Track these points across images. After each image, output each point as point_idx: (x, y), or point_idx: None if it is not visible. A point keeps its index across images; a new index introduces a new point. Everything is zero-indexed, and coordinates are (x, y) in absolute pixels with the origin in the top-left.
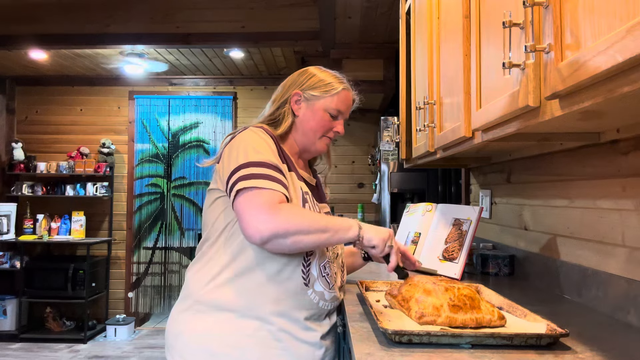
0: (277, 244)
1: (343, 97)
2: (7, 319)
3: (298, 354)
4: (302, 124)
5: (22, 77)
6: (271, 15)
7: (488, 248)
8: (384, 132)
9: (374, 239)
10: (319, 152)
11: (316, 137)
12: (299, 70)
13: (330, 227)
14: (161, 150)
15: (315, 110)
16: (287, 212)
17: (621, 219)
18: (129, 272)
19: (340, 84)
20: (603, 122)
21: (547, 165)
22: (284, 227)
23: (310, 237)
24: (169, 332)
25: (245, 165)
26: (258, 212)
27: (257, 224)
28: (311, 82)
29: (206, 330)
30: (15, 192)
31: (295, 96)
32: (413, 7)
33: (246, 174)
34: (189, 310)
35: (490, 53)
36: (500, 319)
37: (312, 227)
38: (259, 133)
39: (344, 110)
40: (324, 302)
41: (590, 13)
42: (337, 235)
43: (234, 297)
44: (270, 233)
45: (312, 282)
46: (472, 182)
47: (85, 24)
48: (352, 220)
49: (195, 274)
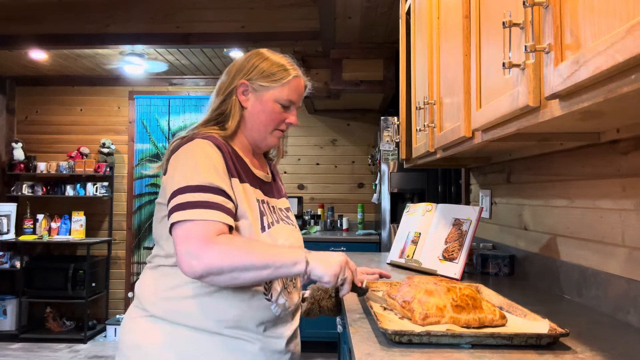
0: (212, 280)
1: (294, 86)
2: (7, 319)
3: None
4: (252, 118)
5: (22, 77)
6: (271, 15)
7: (488, 248)
8: (384, 132)
9: (325, 275)
10: (270, 146)
11: (267, 131)
12: (246, 55)
13: (272, 263)
14: (161, 150)
15: (264, 102)
16: (221, 248)
17: (621, 219)
18: (129, 272)
19: (290, 72)
20: (603, 122)
21: (547, 165)
22: (217, 265)
23: (248, 274)
24: (123, 341)
25: (183, 190)
26: (191, 247)
27: (189, 260)
28: (259, 70)
29: (164, 342)
30: (15, 192)
31: (241, 87)
32: (413, 7)
33: (182, 202)
34: (145, 320)
35: (490, 53)
36: (502, 318)
37: (250, 264)
38: (205, 147)
39: (296, 100)
40: (284, 311)
41: (590, 13)
42: (279, 270)
43: (191, 314)
44: (202, 270)
45: (275, 296)
46: (472, 182)
47: (85, 24)
48: (299, 252)
49: (148, 286)
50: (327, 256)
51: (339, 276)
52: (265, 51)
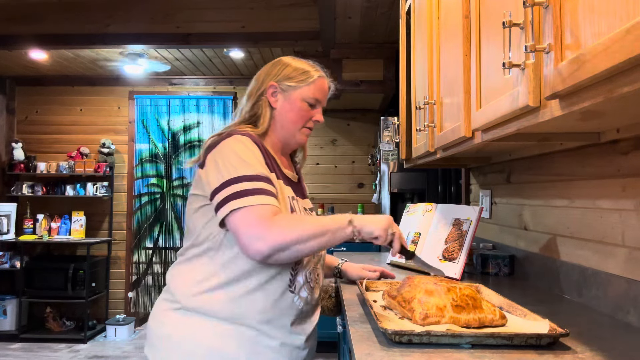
0: (279, 257)
1: (319, 85)
2: (7, 319)
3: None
4: (281, 116)
5: (22, 77)
6: (271, 15)
7: (488, 248)
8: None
9: (376, 230)
10: (299, 143)
11: (296, 128)
12: (272, 62)
13: (328, 229)
14: (161, 150)
15: (292, 101)
16: (282, 225)
17: (621, 219)
18: (129, 272)
19: (315, 72)
20: (603, 122)
21: (547, 165)
22: (282, 241)
23: (310, 244)
24: (153, 332)
25: (236, 179)
26: (253, 230)
27: (255, 243)
28: (286, 73)
29: (194, 335)
30: (15, 192)
31: (270, 88)
32: (413, 7)
33: (238, 190)
34: (175, 312)
35: (490, 53)
36: (502, 318)
37: (310, 234)
38: (246, 142)
39: (322, 98)
40: (306, 305)
41: (590, 13)
42: (335, 235)
43: (220, 305)
44: (269, 249)
45: (298, 289)
46: (472, 182)
47: (85, 24)
48: (345, 215)
49: (181, 278)
50: (372, 216)
51: (388, 230)
52: (290, 57)
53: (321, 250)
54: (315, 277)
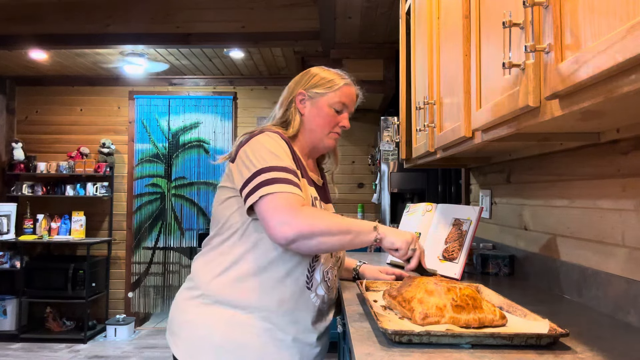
0: (302, 245)
1: (346, 92)
2: (7, 319)
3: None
4: (309, 122)
5: (22, 77)
6: (271, 15)
7: (488, 248)
8: (384, 132)
9: (397, 242)
10: (327, 148)
11: (324, 133)
12: (302, 72)
13: (353, 229)
14: (161, 150)
15: (320, 107)
16: (310, 214)
17: (621, 219)
18: (129, 272)
19: (341, 80)
20: (603, 122)
21: (547, 165)
22: (308, 229)
23: (334, 239)
24: (174, 318)
25: (267, 169)
26: (282, 214)
27: (281, 227)
28: (314, 81)
29: (212, 322)
30: (15, 192)
31: (299, 95)
32: (413, 7)
33: (268, 178)
34: (196, 300)
35: (490, 53)
36: (502, 319)
37: (335, 229)
38: (276, 139)
39: (348, 104)
40: (322, 304)
41: (590, 13)
42: (359, 237)
43: (239, 295)
44: (295, 234)
45: (314, 286)
46: (472, 182)
47: (85, 24)
48: (371, 222)
49: (203, 267)
50: (397, 229)
51: (410, 246)
52: (318, 67)
53: (342, 249)
54: (332, 277)
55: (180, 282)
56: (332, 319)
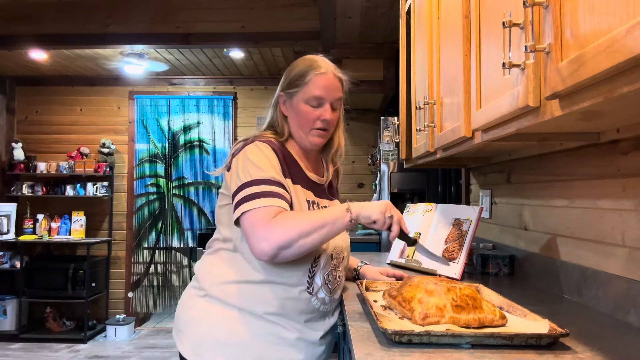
0: (285, 254)
1: (319, 83)
2: (7, 319)
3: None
4: (292, 123)
5: (22, 77)
6: (271, 15)
7: (488, 248)
8: (384, 132)
9: (372, 214)
10: (315, 145)
11: (305, 132)
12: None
13: (327, 221)
14: (161, 150)
15: (295, 106)
16: (282, 224)
17: (621, 219)
18: (129, 272)
19: (312, 71)
20: (603, 122)
21: (547, 165)
22: (283, 239)
23: (313, 237)
24: (180, 316)
25: (248, 184)
26: (257, 231)
27: (259, 244)
28: (290, 79)
29: (217, 320)
30: (15, 192)
31: (280, 98)
32: (413, 7)
33: (248, 194)
34: (200, 299)
35: (490, 53)
36: (502, 319)
37: (310, 228)
38: (263, 149)
39: (324, 95)
40: (324, 306)
41: (590, 13)
42: (335, 225)
43: (242, 299)
44: (273, 249)
45: (315, 290)
46: (472, 182)
47: (85, 24)
48: (343, 205)
49: (207, 269)
50: (369, 202)
51: (385, 214)
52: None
53: (325, 242)
54: (334, 279)
55: (181, 282)
56: (337, 317)
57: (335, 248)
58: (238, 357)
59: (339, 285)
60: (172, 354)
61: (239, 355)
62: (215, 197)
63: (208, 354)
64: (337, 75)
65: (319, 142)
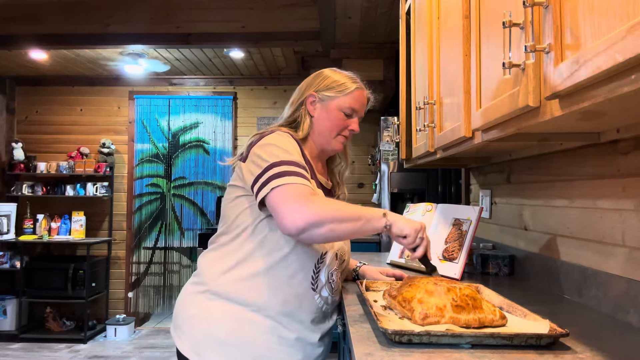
0: (313, 233)
1: (356, 96)
2: (7, 319)
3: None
4: (318, 124)
5: (22, 77)
6: (271, 15)
7: (488, 248)
8: (384, 132)
9: (406, 229)
10: (335, 151)
11: (331, 136)
12: (314, 74)
13: (363, 216)
14: (161, 150)
15: (329, 110)
16: (320, 202)
17: (621, 219)
18: (129, 272)
19: (353, 84)
20: (603, 122)
21: (547, 165)
22: (318, 216)
23: (345, 225)
24: (178, 312)
25: (277, 163)
26: (292, 204)
27: (292, 216)
28: (326, 83)
29: (216, 318)
30: (15, 192)
31: (310, 97)
32: (413, 7)
33: (279, 171)
34: (201, 295)
35: (490, 53)
36: (502, 319)
37: (345, 216)
38: (286, 137)
39: (358, 109)
40: (327, 306)
41: (590, 13)
42: (369, 223)
43: (245, 293)
44: (305, 223)
45: (319, 287)
46: (472, 182)
47: (85, 24)
48: (380, 209)
49: (210, 263)
50: (408, 218)
51: (419, 234)
52: (331, 70)
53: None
54: (336, 279)
55: (180, 282)
56: (335, 319)
57: (340, 249)
58: (238, 357)
59: (339, 286)
60: (172, 354)
61: (239, 355)
62: (215, 197)
63: (207, 353)
64: (368, 95)
65: (341, 148)
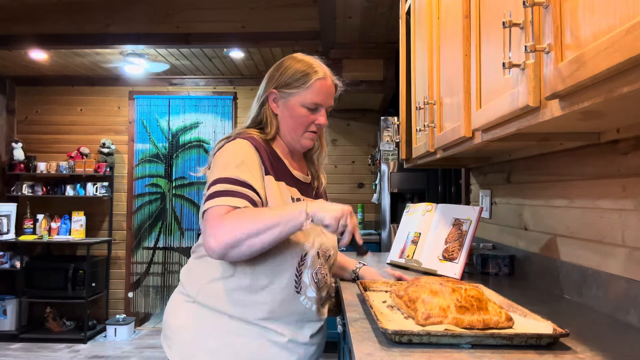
0: (233, 254)
1: (319, 88)
2: (7, 319)
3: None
4: (283, 123)
5: (22, 77)
6: (271, 15)
7: (488, 248)
8: (384, 132)
9: (326, 218)
10: (305, 147)
11: (298, 134)
12: (276, 64)
13: (281, 220)
14: (161, 150)
15: (291, 108)
16: (230, 222)
17: (621, 219)
18: (129, 272)
19: (314, 75)
20: (603, 122)
21: (547, 165)
22: (230, 238)
23: (264, 237)
24: (167, 323)
25: (214, 182)
26: (209, 230)
27: (208, 241)
28: (285, 78)
29: (205, 327)
30: (15, 192)
31: (272, 95)
32: (413, 7)
33: (213, 191)
34: (188, 304)
35: (490, 53)
36: (508, 321)
37: (261, 227)
38: (242, 146)
39: (322, 101)
40: (315, 305)
41: (590, 13)
42: (289, 224)
43: (228, 304)
44: (220, 247)
45: (304, 289)
46: (472, 182)
47: (85, 24)
48: (301, 203)
49: (191, 273)
50: (328, 203)
51: (340, 220)
52: (293, 57)
53: (277, 242)
54: (323, 277)
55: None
56: (326, 316)
57: (321, 246)
58: None
59: (327, 283)
60: None
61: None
62: None
63: None
64: (334, 82)
65: (310, 144)
